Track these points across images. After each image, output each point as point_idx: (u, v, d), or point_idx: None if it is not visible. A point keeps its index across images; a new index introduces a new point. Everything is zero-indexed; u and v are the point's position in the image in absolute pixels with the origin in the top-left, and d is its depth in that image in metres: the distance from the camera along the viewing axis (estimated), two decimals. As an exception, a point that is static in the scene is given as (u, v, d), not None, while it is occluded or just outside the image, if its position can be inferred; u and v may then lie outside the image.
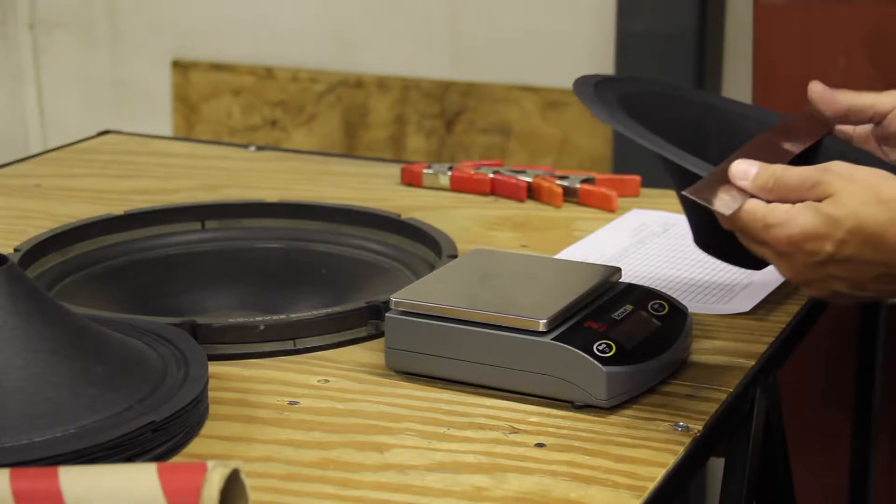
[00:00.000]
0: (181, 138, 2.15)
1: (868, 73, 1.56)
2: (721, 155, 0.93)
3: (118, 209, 1.29)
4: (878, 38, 1.57)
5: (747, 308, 1.11)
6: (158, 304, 1.18)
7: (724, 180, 0.89)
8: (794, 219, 0.85)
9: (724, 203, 0.88)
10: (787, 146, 1.01)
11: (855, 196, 0.84)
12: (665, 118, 1.05)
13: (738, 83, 1.96)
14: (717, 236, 0.95)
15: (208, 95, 2.30)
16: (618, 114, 0.99)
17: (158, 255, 1.24)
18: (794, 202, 0.86)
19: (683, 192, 0.89)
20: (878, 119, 1.04)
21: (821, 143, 1.05)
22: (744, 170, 0.88)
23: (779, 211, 0.86)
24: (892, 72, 1.55)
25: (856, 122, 1.06)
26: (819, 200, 0.85)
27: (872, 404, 1.53)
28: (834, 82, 1.58)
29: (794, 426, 1.19)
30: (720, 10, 1.95)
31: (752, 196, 0.88)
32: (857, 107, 1.04)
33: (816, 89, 1.05)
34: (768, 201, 0.87)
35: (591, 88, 1.02)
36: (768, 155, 0.97)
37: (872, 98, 1.04)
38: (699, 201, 0.88)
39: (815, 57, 1.58)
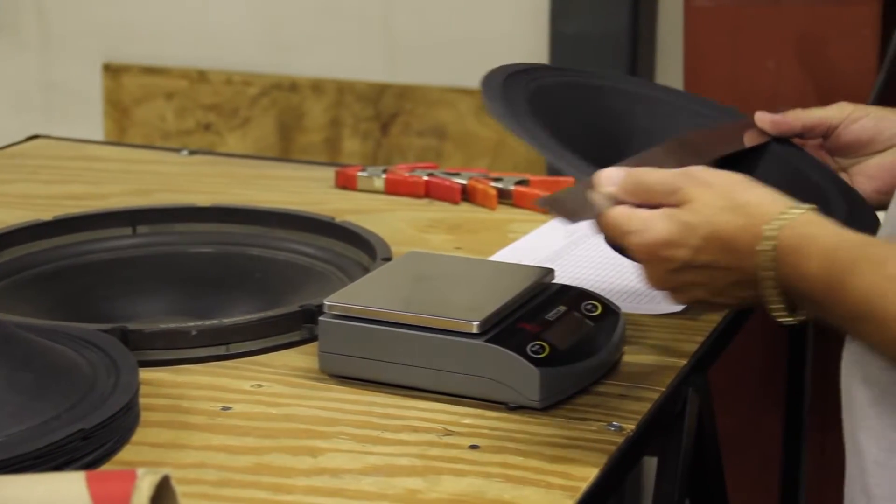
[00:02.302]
0: (112, 143, 2.13)
1: (797, 73, 1.58)
2: (645, 149, 0.93)
3: (47, 215, 1.27)
4: (806, 39, 1.59)
5: (679, 308, 1.12)
6: (89, 311, 1.16)
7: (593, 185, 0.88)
8: (649, 226, 0.85)
9: (574, 212, 0.87)
10: (714, 148, 1.02)
11: (710, 203, 0.83)
12: (587, 111, 1.04)
13: (669, 84, 1.97)
14: None
15: (140, 99, 2.27)
16: (520, 113, 0.97)
17: (89, 260, 1.23)
18: (656, 206, 0.86)
19: (534, 201, 0.88)
20: (828, 133, 1.05)
21: (766, 148, 1.06)
22: (609, 175, 0.87)
23: (636, 218, 0.86)
24: (821, 72, 1.58)
25: (808, 138, 1.07)
26: (678, 206, 0.85)
27: (803, 403, 1.55)
28: (764, 83, 1.60)
29: (726, 424, 1.20)
30: (652, 12, 1.97)
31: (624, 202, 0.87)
32: (810, 124, 1.05)
33: (766, 119, 1.05)
34: (636, 205, 0.87)
35: (502, 80, 1.00)
36: (690, 154, 0.98)
37: (822, 113, 1.06)
38: (547, 209, 0.87)
39: (745, 58, 1.60)
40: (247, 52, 2.22)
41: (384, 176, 1.45)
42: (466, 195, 1.42)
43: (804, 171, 1.06)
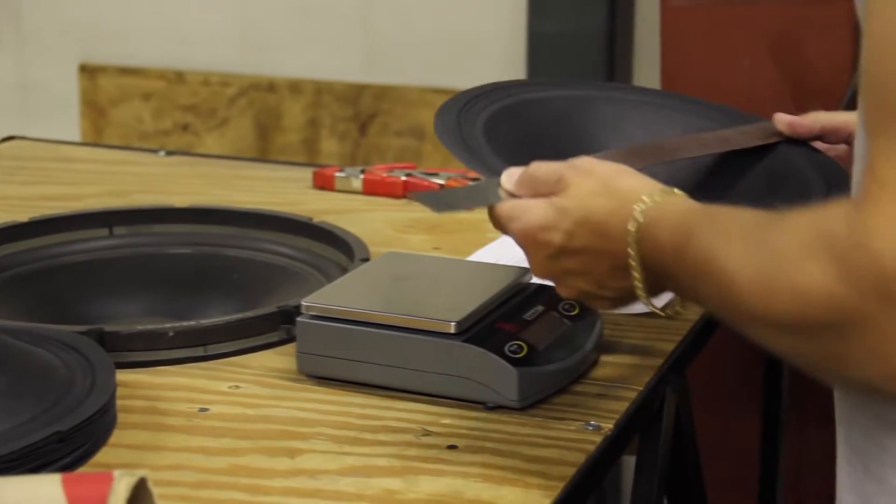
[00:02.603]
0: (89, 144, 2.12)
1: (772, 72, 1.59)
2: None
3: (23, 216, 1.26)
4: (781, 39, 1.59)
5: (657, 307, 1.12)
6: (66, 313, 1.16)
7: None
8: (527, 212, 0.86)
9: (454, 203, 0.92)
10: (714, 146, 1.02)
11: (586, 188, 0.85)
12: (576, 122, 1.05)
13: (647, 83, 1.98)
14: None
15: (117, 100, 2.26)
16: (464, 124, 1.00)
17: (65, 262, 1.22)
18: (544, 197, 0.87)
19: (408, 194, 0.91)
20: (851, 140, 1.05)
21: (773, 150, 1.06)
22: (510, 173, 0.89)
23: (518, 206, 0.87)
24: (796, 71, 1.58)
25: (832, 143, 1.07)
26: (558, 193, 0.86)
27: (780, 401, 1.55)
28: (739, 82, 1.61)
29: (704, 423, 1.20)
30: (629, 12, 1.97)
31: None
32: (831, 127, 1.05)
33: (784, 121, 1.05)
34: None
35: (471, 96, 1.03)
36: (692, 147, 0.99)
37: (845, 117, 1.05)
38: (419, 201, 0.91)
39: (721, 57, 1.60)
40: (224, 53, 2.21)
41: (362, 176, 1.45)
42: (444, 195, 1.42)
43: (801, 170, 1.06)
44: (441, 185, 1.42)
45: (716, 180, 1.06)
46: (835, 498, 0.81)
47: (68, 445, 0.83)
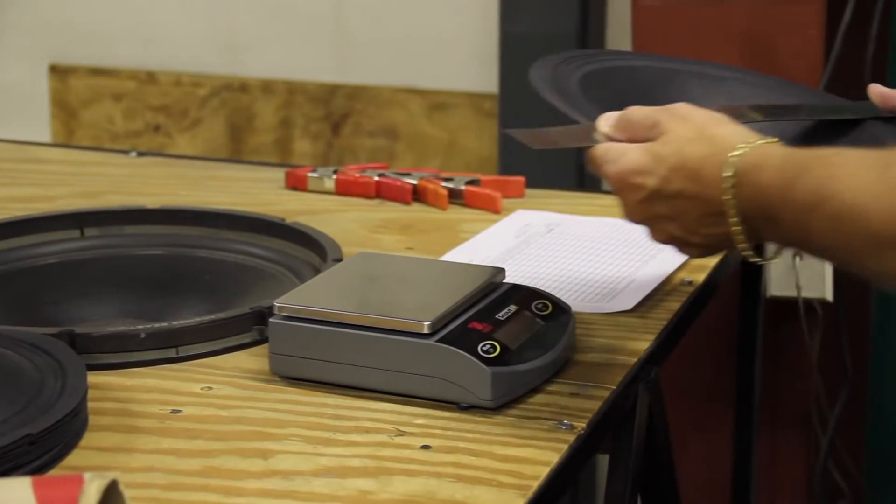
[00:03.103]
0: (60, 144, 2.11)
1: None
2: None
3: (-7, 217, 1.26)
4: (752, 38, 1.60)
5: (629, 306, 1.12)
6: (37, 315, 1.15)
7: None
8: (623, 155, 0.89)
9: (554, 142, 0.94)
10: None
11: (681, 135, 0.87)
12: (666, 94, 1.07)
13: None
14: None
15: (88, 100, 2.25)
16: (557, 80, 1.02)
17: (36, 263, 1.21)
18: (640, 141, 0.90)
19: (505, 130, 0.94)
20: None
21: (860, 125, 1.07)
22: (607, 116, 0.92)
23: (613, 150, 0.90)
24: (767, 71, 1.59)
25: None
26: (655, 139, 0.89)
27: (753, 399, 1.56)
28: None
29: (677, 421, 1.21)
30: (601, 11, 1.98)
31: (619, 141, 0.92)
32: None
33: (876, 91, 1.07)
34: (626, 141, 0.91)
35: (558, 63, 1.06)
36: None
37: None
38: (514, 136, 0.94)
39: (693, 56, 1.61)
40: (196, 53, 2.21)
41: (335, 176, 1.45)
42: (417, 195, 1.42)
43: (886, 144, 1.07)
44: (414, 185, 1.42)
45: None
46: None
47: (39, 448, 0.83)
